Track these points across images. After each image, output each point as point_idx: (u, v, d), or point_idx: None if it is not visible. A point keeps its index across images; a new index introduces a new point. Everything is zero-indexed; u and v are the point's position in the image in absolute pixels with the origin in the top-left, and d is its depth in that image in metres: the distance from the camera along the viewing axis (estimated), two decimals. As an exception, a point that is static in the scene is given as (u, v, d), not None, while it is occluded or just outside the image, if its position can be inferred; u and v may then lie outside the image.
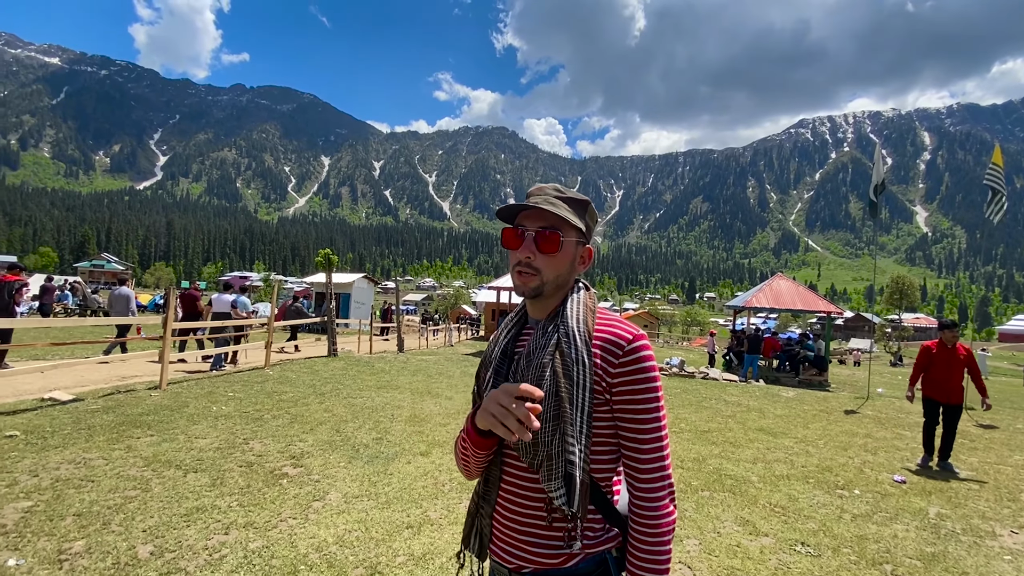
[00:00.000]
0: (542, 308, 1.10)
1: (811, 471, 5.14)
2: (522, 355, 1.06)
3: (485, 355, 1.16)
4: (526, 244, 1.05)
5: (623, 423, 1.01)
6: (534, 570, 1.02)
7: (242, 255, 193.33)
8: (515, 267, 1.07)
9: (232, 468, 4.12)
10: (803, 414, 8.71)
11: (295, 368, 9.99)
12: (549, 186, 1.10)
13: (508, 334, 1.14)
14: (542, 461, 0.97)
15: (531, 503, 1.02)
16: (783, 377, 15.85)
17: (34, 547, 2.69)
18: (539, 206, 1.04)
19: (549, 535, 1.01)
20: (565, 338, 1.02)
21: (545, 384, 0.98)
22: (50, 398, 5.88)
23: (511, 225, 1.10)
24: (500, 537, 1.07)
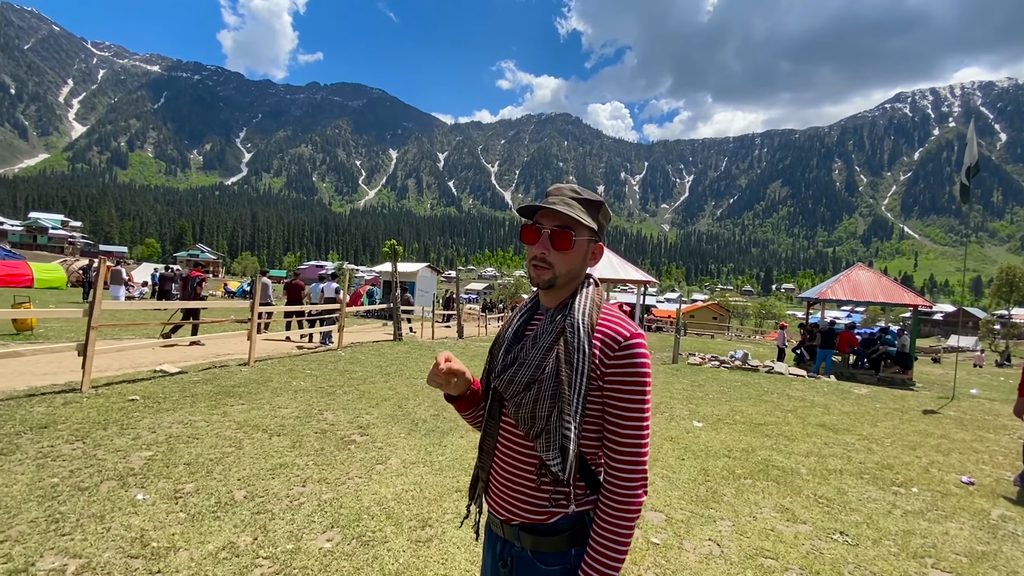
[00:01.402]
0: (553, 298, 1.22)
1: (868, 468, 4.98)
2: (530, 337, 1.19)
3: (499, 335, 1.30)
4: (542, 240, 1.16)
5: (609, 410, 1.11)
6: (521, 522, 1.16)
7: (318, 245, 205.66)
8: (531, 260, 1.18)
9: (309, 434, 4.68)
10: (873, 411, 8.26)
11: (364, 351, 10.77)
12: (567, 187, 1.20)
13: (521, 318, 1.28)
14: (540, 432, 1.09)
15: (524, 465, 1.16)
16: (860, 374, 14.88)
17: (156, 486, 3.29)
18: (555, 207, 1.14)
19: (537, 495, 1.14)
20: (570, 328, 1.13)
21: (547, 366, 1.11)
22: (160, 370, 6.83)
23: (530, 222, 1.21)
24: (495, 491, 1.21)
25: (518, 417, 1.12)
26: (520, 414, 1.11)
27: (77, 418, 4.54)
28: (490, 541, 1.28)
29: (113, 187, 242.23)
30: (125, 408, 4.98)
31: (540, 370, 1.11)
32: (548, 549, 1.14)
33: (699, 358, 13.76)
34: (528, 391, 1.11)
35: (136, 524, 2.79)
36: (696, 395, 8.43)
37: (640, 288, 20.49)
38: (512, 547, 1.18)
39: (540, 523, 1.15)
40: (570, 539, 1.14)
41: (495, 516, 1.22)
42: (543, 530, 1.15)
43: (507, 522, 1.18)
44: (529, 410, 1.10)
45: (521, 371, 1.14)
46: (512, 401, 1.13)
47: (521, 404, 1.11)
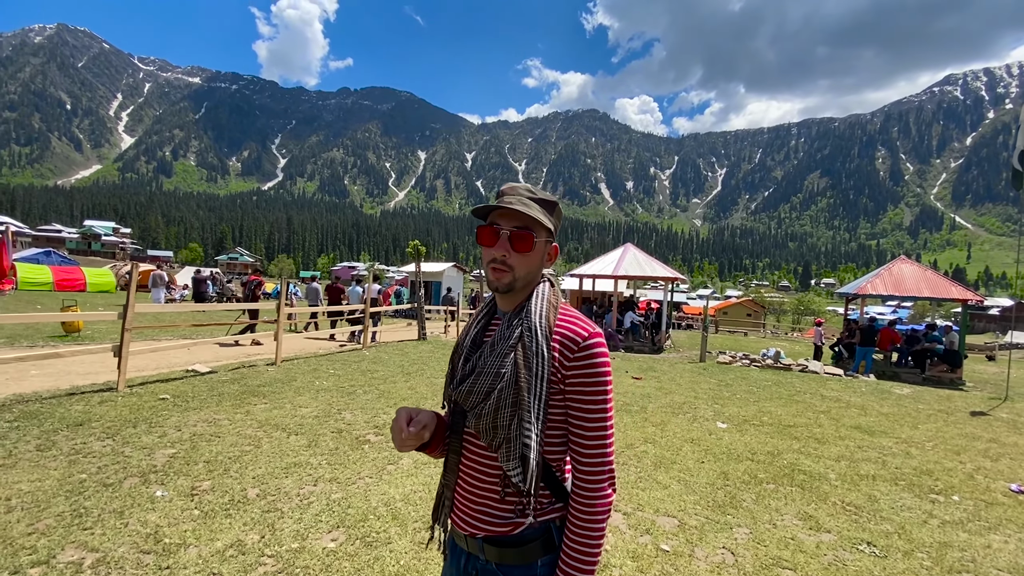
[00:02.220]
0: (511, 301, 1.19)
1: (905, 473, 4.71)
2: (487, 344, 1.15)
3: (457, 343, 1.25)
4: (501, 242, 1.13)
5: (572, 411, 1.09)
6: (486, 535, 1.13)
7: (350, 247, 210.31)
8: (489, 263, 1.14)
9: (325, 433, 4.76)
10: (914, 413, 7.83)
11: (388, 350, 10.92)
12: (522, 186, 1.18)
13: (478, 324, 1.24)
14: (501, 443, 1.07)
15: (487, 478, 1.12)
16: (904, 373, 14.15)
17: (175, 483, 3.41)
18: (513, 207, 1.11)
19: (501, 506, 1.11)
20: (528, 332, 1.10)
21: (506, 373, 1.08)
22: (192, 370, 7.09)
23: (485, 223, 1.17)
24: (459, 506, 1.17)
25: (479, 428, 1.09)
26: (481, 425, 1.08)
27: (110, 416, 4.75)
28: (454, 556, 1.23)
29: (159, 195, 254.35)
30: (155, 407, 5.19)
31: (499, 378, 1.08)
32: (514, 561, 1.11)
33: (729, 356, 13.37)
34: (487, 400, 1.08)
35: (152, 520, 2.88)
36: (723, 395, 8.19)
37: (668, 285, 20.11)
38: (477, 560, 1.15)
39: (505, 535, 1.12)
40: (537, 549, 1.12)
41: (459, 531, 1.18)
42: (508, 542, 1.12)
43: (472, 536, 1.14)
44: (490, 420, 1.07)
45: (480, 380, 1.10)
46: (472, 412, 1.10)
47: (481, 415, 1.08)
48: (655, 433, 5.52)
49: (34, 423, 4.35)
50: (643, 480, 4.07)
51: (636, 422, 5.97)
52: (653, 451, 4.87)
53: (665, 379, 9.44)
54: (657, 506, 3.57)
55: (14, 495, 3.03)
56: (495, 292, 1.19)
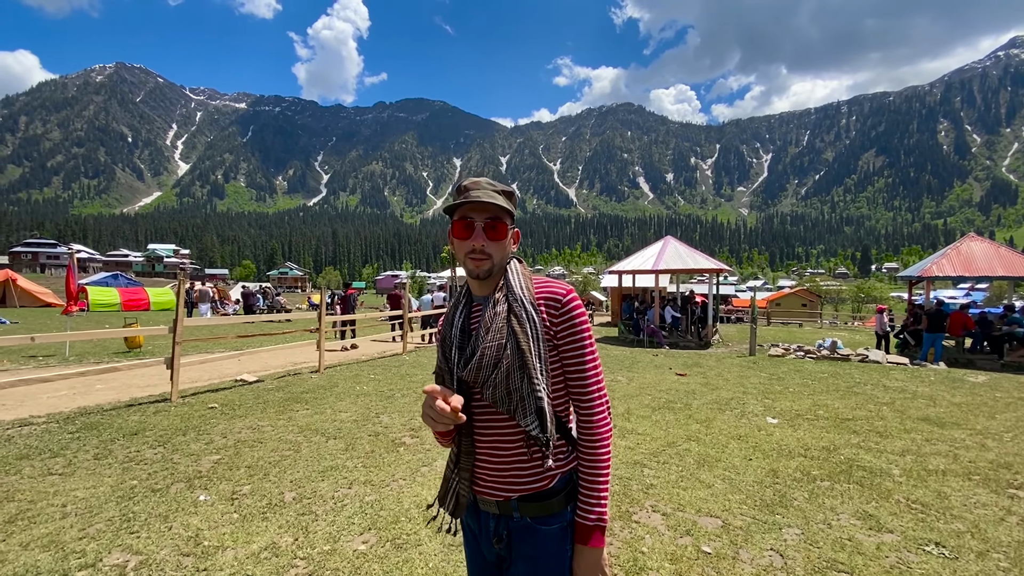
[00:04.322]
0: (488, 285, 1.29)
1: (980, 467, 4.29)
2: (480, 327, 1.23)
3: (443, 336, 1.32)
4: (477, 233, 1.22)
5: (568, 360, 1.22)
6: (520, 495, 1.21)
7: (392, 256, 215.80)
8: (468, 254, 1.24)
9: (362, 436, 4.82)
10: (991, 402, 7.16)
11: (428, 354, 11.03)
12: (483, 180, 1.28)
13: (461, 314, 1.31)
14: (516, 404, 1.16)
15: (511, 443, 1.21)
16: (979, 360, 13.04)
17: (217, 488, 3.52)
18: (483, 200, 1.20)
19: (530, 464, 1.21)
20: (516, 303, 1.21)
21: (507, 341, 1.18)
22: (240, 379, 7.39)
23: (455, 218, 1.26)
24: (485, 479, 1.24)
25: (495, 398, 1.17)
26: (496, 394, 1.16)
27: (163, 425, 4.99)
28: (476, 527, 1.30)
29: (214, 216, 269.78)
30: (205, 415, 5.42)
31: (502, 348, 1.17)
32: (547, 512, 1.21)
33: (781, 349, 12.73)
34: (497, 370, 1.17)
35: (194, 524, 2.98)
36: (774, 389, 7.77)
37: (713, 277, 19.40)
38: (509, 520, 1.23)
39: (539, 490, 1.21)
40: (565, 498, 1.22)
41: (488, 499, 1.25)
42: (543, 495, 1.21)
43: (506, 500, 1.22)
44: (504, 387, 1.16)
45: (486, 355, 1.18)
46: (485, 385, 1.18)
47: (496, 384, 1.16)
48: (699, 430, 5.28)
49: (94, 433, 4.63)
50: (684, 479, 3.88)
51: (679, 420, 5.74)
52: (696, 449, 4.65)
53: (712, 375, 9.07)
54: (699, 506, 3.38)
55: (70, 502, 3.21)
56: (475, 279, 1.28)
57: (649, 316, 15.97)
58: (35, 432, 4.65)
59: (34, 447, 4.24)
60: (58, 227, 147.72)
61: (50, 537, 2.76)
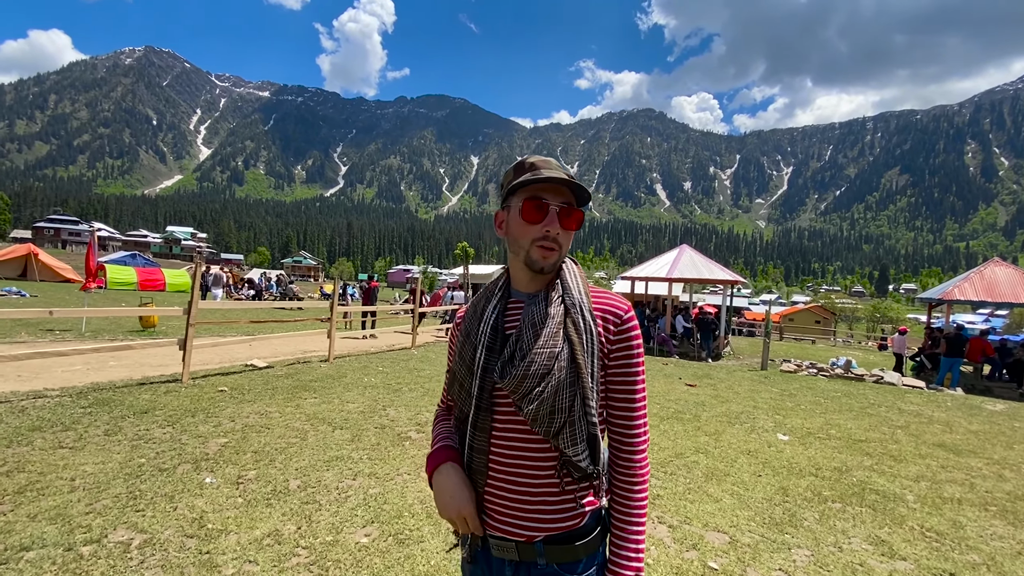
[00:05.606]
0: (539, 281, 1.10)
1: (997, 498, 4.16)
2: (524, 327, 1.05)
3: (467, 331, 1.12)
4: (551, 218, 1.04)
5: (616, 385, 1.07)
6: (546, 536, 1.02)
7: (405, 251, 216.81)
8: (537, 241, 1.04)
9: (369, 428, 4.81)
10: (1009, 432, 6.97)
11: (436, 350, 11.04)
12: (553, 161, 1.09)
13: (496, 309, 1.11)
14: (561, 427, 0.98)
15: (540, 472, 1.02)
16: (997, 388, 12.73)
17: (223, 471, 3.53)
18: (565, 178, 1.04)
19: (561, 499, 1.02)
20: (574, 307, 1.05)
21: (560, 351, 1.01)
22: (251, 364, 7.44)
23: (526, 198, 1.06)
24: (500, 511, 1.04)
25: (536, 415, 0.98)
26: (539, 412, 0.98)
27: (173, 405, 5.03)
28: (491, 569, 1.08)
29: (232, 202, 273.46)
30: (214, 398, 5.46)
31: (554, 357, 1.00)
32: (579, 556, 1.04)
33: (793, 365, 12.53)
34: (544, 383, 0.99)
35: (199, 506, 2.99)
36: (785, 405, 7.65)
37: (728, 289, 19.19)
38: (532, 568, 1.04)
39: (570, 530, 1.03)
40: (600, 536, 1.07)
41: (505, 542, 1.04)
42: (575, 535, 1.03)
43: (528, 541, 1.02)
44: (548, 405, 0.98)
45: (535, 363, 1.00)
46: (527, 398, 0.99)
47: (542, 399, 0.98)
48: (708, 443, 5.20)
49: (105, 409, 4.68)
50: (692, 492, 3.81)
51: (688, 431, 5.66)
52: (705, 461, 4.58)
53: (722, 387, 8.95)
54: (707, 520, 3.32)
55: (79, 476, 3.24)
56: (532, 272, 1.08)
57: (660, 324, 15.83)
58: (48, 405, 4.72)
59: (47, 419, 4.29)
60: (81, 205, 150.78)
61: (57, 510, 2.78)
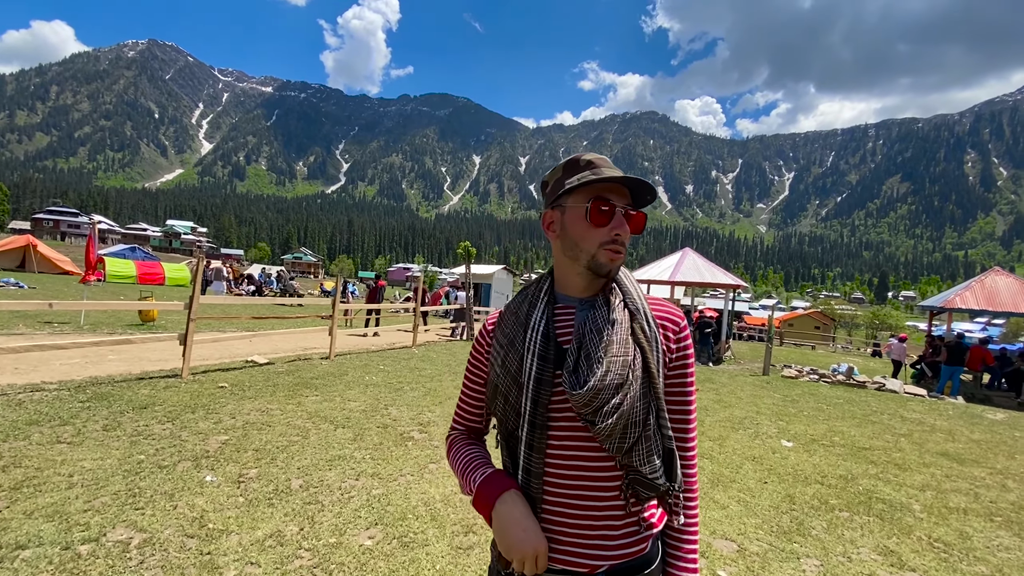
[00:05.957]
0: (593, 286, 1.04)
1: (1002, 508, 4.13)
2: (587, 333, 0.97)
3: (509, 339, 1.03)
4: (618, 220, 0.99)
5: (672, 396, 1.02)
6: (610, 567, 0.95)
7: (406, 249, 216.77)
8: (605, 245, 0.99)
9: (371, 427, 4.76)
10: (1010, 441, 6.94)
11: (436, 349, 11.00)
12: (607, 159, 1.05)
13: (543, 315, 1.03)
14: (634, 444, 0.92)
15: (604, 494, 0.95)
16: (997, 396, 12.72)
17: (224, 469, 3.48)
18: (636, 177, 0.98)
19: (626, 522, 0.96)
20: (638, 313, 1.00)
21: (634, 361, 0.94)
22: (251, 360, 7.39)
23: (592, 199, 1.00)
24: (562, 543, 0.96)
25: (611, 431, 0.90)
26: (616, 427, 0.90)
27: (172, 401, 4.98)
28: None
29: (233, 197, 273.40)
30: (214, 394, 5.40)
31: (627, 367, 0.93)
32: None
33: (795, 370, 12.50)
34: (620, 395, 0.91)
35: (199, 505, 2.94)
36: (788, 411, 7.61)
37: (729, 293, 19.15)
38: None
39: (634, 557, 0.96)
40: (661, 566, 1.01)
41: (564, 573, 0.95)
42: (639, 564, 0.97)
43: (591, 572, 0.95)
44: (624, 419, 0.90)
45: (609, 373, 0.91)
46: (602, 412, 0.90)
47: (620, 413, 0.90)
48: (712, 448, 5.16)
49: (104, 404, 4.63)
50: (699, 497, 3.76)
51: (690, 435, 5.61)
52: (710, 467, 4.53)
53: (724, 391, 8.92)
54: (714, 527, 3.27)
55: (76, 472, 3.19)
56: (603, 276, 1.02)
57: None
58: (46, 399, 4.66)
59: (44, 413, 4.24)
60: (81, 197, 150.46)
61: (55, 507, 2.73)
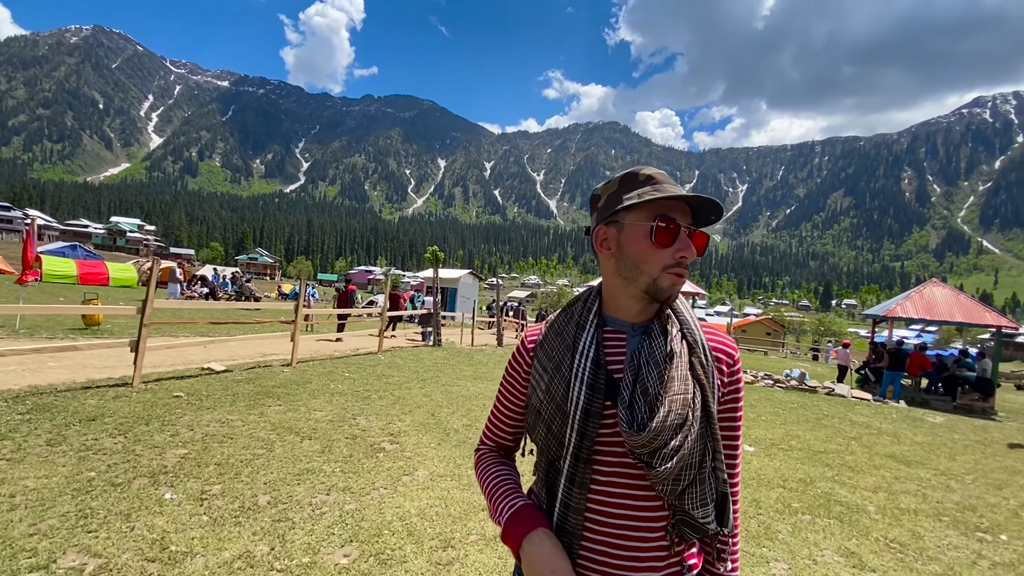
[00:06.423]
0: (647, 311, 0.98)
1: (948, 508, 4.41)
2: (644, 365, 0.91)
3: (556, 363, 0.97)
4: (683, 242, 0.92)
5: (722, 432, 0.96)
6: None
7: (368, 251, 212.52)
8: (669, 268, 0.92)
9: (339, 439, 4.62)
10: (951, 443, 7.44)
11: (403, 355, 10.81)
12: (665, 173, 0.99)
13: (593, 341, 0.96)
14: (687, 486, 0.87)
15: (649, 534, 0.91)
16: (934, 400, 13.61)
17: (184, 486, 3.29)
18: (703, 196, 0.92)
19: (667, 565, 0.92)
20: (696, 346, 0.94)
21: (694, 399, 0.89)
22: (208, 368, 7.04)
23: (658, 220, 0.93)
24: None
25: (666, 475, 0.85)
26: (674, 470, 0.85)
27: (123, 412, 4.68)
28: None
29: (184, 194, 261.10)
30: (169, 404, 5.11)
31: (688, 406, 0.87)
32: None
33: (750, 376, 13.00)
34: (682, 435, 0.86)
35: (159, 525, 2.76)
36: (747, 416, 7.89)
37: (688, 300, 19.75)
38: None
39: None
40: None
41: None
42: None
43: None
44: (682, 462, 0.85)
45: (671, 413, 0.85)
46: (661, 454, 0.85)
47: (679, 455, 0.85)
48: (679, 453, 5.28)
49: (47, 416, 4.30)
50: (670, 504, 3.85)
51: (658, 441, 5.73)
52: (678, 473, 4.64)
53: (685, 396, 9.15)
54: (686, 534, 3.34)
55: (19, 492, 2.94)
56: (663, 302, 0.96)
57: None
58: (-20, 410, 4.29)
59: (-22, 427, 3.90)
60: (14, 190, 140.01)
61: (-4, 531, 2.51)
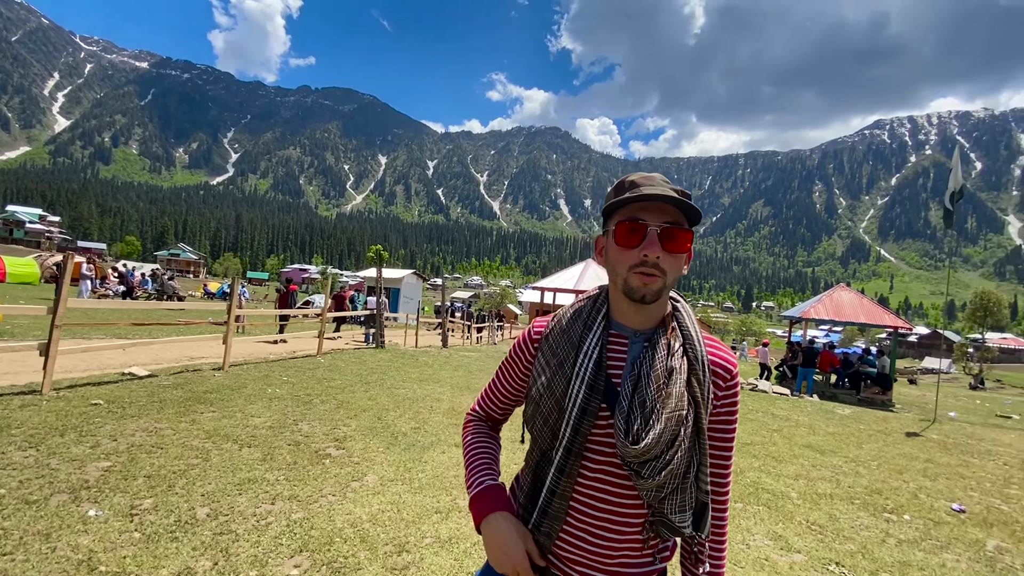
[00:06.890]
0: (647, 316, 0.99)
1: (858, 492, 4.90)
2: (644, 378, 0.93)
3: (560, 359, 1.00)
4: (649, 240, 0.92)
5: (714, 443, 1.01)
6: None
7: (302, 249, 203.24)
8: (635, 268, 0.93)
9: (281, 446, 4.43)
10: (857, 433, 8.25)
11: (344, 357, 10.49)
12: (657, 176, 1.00)
13: (597, 344, 0.98)
14: (668, 494, 0.91)
15: (626, 528, 0.97)
16: (841, 394, 15.00)
17: (111, 501, 3.04)
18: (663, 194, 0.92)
19: (639, 555, 0.99)
20: (696, 362, 0.96)
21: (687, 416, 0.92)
22: (129, 373, 6.50)
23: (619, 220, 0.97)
24: (576, 563, 1.00)
25: (655, 484, 0.89)
26: (660, 482, 0.89)
27: (33, 423, 4.23)
28: None
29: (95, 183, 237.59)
30: (86, 413, 4.68)
31: (681, 423, 0.91)
32: None
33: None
34: (673, 450, 0.89)
35: (85, 544, 2.54)
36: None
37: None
38: None
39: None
40: None
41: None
42: None
43: None
44: (670, 474, 0.89)
45: (665, 432, 0.88)
46: (651, 465, 0.89)
47: (670, 469, 0.88)
48: (622, 450, 5.50)
49: (-61, 430, 3.81)
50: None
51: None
52: (622, 468, 4.84)
53: (626, 395, 9.51)
54: (632, 526, 3.51)
55: (-87, 516, 2.60)
56: (634, 303, 0.96)
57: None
58: None
59: None
60: None
61: None
